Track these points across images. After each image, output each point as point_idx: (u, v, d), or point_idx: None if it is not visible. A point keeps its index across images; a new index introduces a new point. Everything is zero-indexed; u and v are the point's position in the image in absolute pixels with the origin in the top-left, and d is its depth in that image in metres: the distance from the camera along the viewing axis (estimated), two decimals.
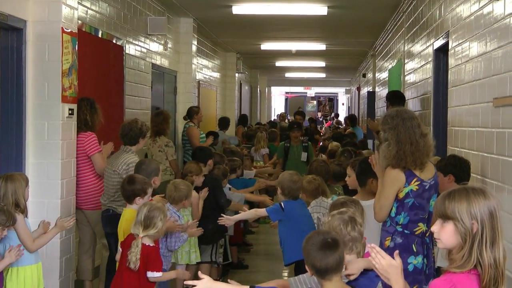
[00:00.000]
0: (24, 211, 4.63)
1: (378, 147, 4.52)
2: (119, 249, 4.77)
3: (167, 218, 4.88)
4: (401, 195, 4.27)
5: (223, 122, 13.41)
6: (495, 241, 2.47)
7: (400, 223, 4.29)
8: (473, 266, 2.45)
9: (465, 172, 4.84)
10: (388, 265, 2.67)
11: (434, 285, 2.50)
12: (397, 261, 2.68)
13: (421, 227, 4.29)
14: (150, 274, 4.57)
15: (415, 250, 4.24)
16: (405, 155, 4.23)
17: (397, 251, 2.79)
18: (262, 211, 5.79)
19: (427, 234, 4.31)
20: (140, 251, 4.46)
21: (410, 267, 4.24)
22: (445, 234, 2.52)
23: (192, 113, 10.14)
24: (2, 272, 4.45)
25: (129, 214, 5.05)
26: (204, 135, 10.21)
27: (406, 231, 4.28)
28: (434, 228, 2.57)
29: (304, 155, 10.13)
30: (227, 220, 5.78)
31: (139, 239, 4.50)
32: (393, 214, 4.31)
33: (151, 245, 4.60)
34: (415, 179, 4.26)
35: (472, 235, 2.46)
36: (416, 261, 4.23)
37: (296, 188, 5.61)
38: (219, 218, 5.83)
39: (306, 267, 3.11)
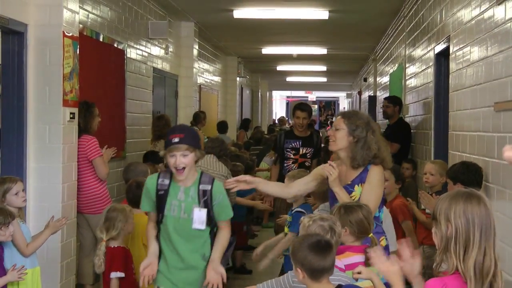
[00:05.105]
0: (13, 216, 4.39)
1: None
2: (95, 261, 4.59)
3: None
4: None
5: (222, 126, 13.49)
6: (468, 248, 2.39)
7: (381, 220, 4.31)
8: (455, 269, 2.41)
9: (473, 178, 4.73)
10: (386, 271, 2.66)
11: (428, 285, 2.50)
12: (395, 267, 2.65)
13: None
14: (113, 275, 4.58)
15: None
16: (384, 155, 4.24)
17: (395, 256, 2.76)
18: (284, 238, 5.26)
19: None
20: (104, 254, 4.51)
21: None
22: (434, 235, 2.52)
23: (199, 118, 10.17)
24: None
25: (139, 219, 4.95)
26: (207, 139, 10.21)
27: None
28: (432, 229, 2.57)
29: (198, 215, 4.02)
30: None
31: (103, 242, 4.56)
32: (376, 214, 4.27)
33: (116, 246, 4.64)
34: None
35: (446, 238, 2.43)
36: None
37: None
38: None
39: (298, 270, 3.08)
